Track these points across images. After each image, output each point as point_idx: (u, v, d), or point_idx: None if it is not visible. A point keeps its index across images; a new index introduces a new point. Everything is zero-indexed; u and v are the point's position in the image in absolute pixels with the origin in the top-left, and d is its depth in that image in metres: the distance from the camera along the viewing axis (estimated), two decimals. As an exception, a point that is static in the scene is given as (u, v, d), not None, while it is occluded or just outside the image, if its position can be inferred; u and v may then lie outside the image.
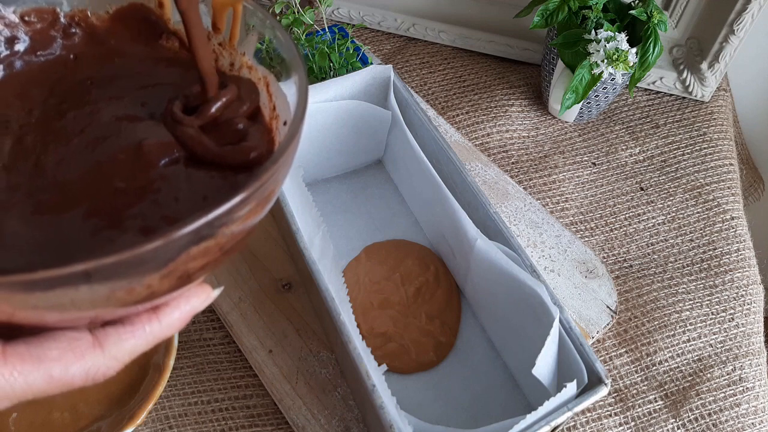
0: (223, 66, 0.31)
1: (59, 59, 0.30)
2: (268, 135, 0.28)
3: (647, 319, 0.55)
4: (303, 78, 0.26)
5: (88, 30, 0.31)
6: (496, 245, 0.46)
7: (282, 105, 0.29)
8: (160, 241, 0.19)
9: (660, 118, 0.72)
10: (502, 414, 0.47)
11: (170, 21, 0.31)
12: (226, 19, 0.30)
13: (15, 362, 0.20)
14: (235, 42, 0.31)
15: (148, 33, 0.32)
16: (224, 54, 0.31)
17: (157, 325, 0.23)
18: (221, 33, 0.31)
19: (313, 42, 0.61)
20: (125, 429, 0.44)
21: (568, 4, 0.62)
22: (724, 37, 0.66)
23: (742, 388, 0.52)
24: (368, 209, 0.59)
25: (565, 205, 0.63)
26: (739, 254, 0.60)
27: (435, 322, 0.52)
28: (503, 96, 0.72)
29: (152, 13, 0.31)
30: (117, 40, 0.31)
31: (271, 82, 0.30)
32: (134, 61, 0.31)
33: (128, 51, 0.31)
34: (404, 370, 0.50)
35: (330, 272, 0.43)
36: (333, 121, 0.54)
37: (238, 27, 0.30)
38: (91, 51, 0.31)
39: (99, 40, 0.31)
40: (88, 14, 0.31)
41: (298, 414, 0.47)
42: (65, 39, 0.31)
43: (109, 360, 0.22)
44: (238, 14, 0.30)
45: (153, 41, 0.32)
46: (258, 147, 0.27)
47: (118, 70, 0.30)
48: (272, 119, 0.29)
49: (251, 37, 0.30)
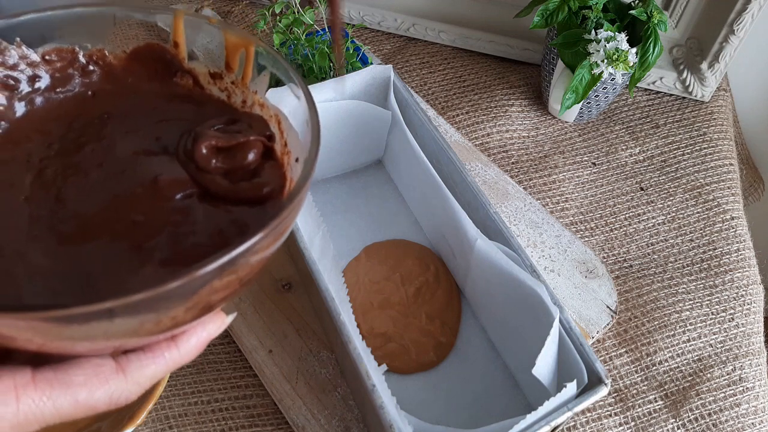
0: (235, 103, 0.33)
1: (78, 95, 0.32)
2: (280, 170, 0.29)
3: (647, 319, 0.55)
4: (315, 119, 0.28)
5: (106, 68, 0.32)
6: (496, 245, 0.46)
7: (293, 142, 0.30)
8: (189, 277, 0.20)
9: (660, 118, 0.72)
10: (502, 414, 0.47)
11: (185, 60, 0.33)
12: (239, 59, 0.32)
13: (44, 388, 0.21)
14: (247, 81, 0.32)
15: (163, 71, 0.33)
16: (237, 92, 0.32)
17: (176, 352, 0.25)
18: (234, 72, 0.32)
19: (313, 42, 0.61)
20: (125, 429, 0.44)
21: (568, 4, 0.62)
22: (724, 37, 0.66)
23: (742, 388, 0.52)
24: (368, 209, 0.59)
25: (565, 205, 0.63)
26: (739, 254, 0.60)
27: (435, 322, 0.52)
28: (503, 96, 0.72)
29: (168, 53, 0.33)
30: (134, 78, 0.33)
31: (282, 120, 0.31)
32: (149, 97, 0.32)
33: (144, 88, 0.33)
34: (404, 370, 0.50)
35: (330, 272, 0.43)
36: (333, 121, 0.54)
37: (250, 67, 0.31)
38: (108, 88, 0.32)
39: (116, 77, 0.32)
40: (105, 53, 0.32)
41: (298, 414, 0.47)
42: (84, 76, 0.32)
43: (132, 385, 0.24)
44: (250, 55, 0.31)
45: (168, 79, 0.33)
46: (270, 183, 0.28)
47: (134, 106, 0.32)
48: (284, 155, 0.30)
49: (263, 77, 0.31)
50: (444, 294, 0.53)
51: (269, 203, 0.28)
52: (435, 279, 0.54)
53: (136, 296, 0.19)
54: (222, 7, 0.78)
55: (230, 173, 0.28)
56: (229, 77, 0.32)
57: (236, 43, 0.31)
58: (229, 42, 0.32)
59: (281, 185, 0.29)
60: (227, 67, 0.32)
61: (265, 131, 0.30)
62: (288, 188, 0.29)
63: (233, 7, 0.78)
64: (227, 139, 0.29)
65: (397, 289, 0.54)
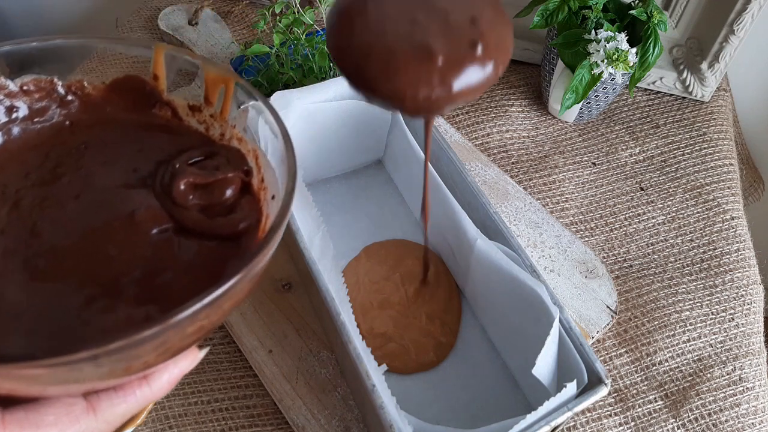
0: (213, 135, 0.32)
1: (55, 125, 0.32)
2: (257, 205, 0.30)
3: (647, 319, 0.55)
4: (292, 158, 0.27)
5: (84, 98, 0.32)
6: (496, 245, 0.46)
7: (270, 178, 0.30)
8: (158, 327, 0.20)
9: (660, 118, 0.72)
10: (502, 414, 0.47)
11: (164, 92, 0.33)
12: (218, 93, 0.32)
13: (14, 428, 0.22)
14: (226, 115, 0.32)
15: (142, 102, 0.33)
16: (215, 125, 0.32)
17: (148, 389, 0.25)
18: (213, 106, 0.32)
19: (313, 42, 0.61)
20: (125, 429, 0.44)
21: (568, 4, 0.62)
22: (724, 37, 0.66)
23: (742, 388, 0.52)
24: (368, 209, 0.59)
25: (565, 205, 0.63)
26: (739, 254, 0.60)
27: (435, 323, 0.52)
28: (503, 96, 0.72)
29: (147, 84, 0.33)
30: (112, 108, 0.33)
31: (260, 155, 0.31)
32: (128, 127, 0.32)
33: (122, 118, 0.33)
34: (404, 370, 0.50)
35: (330, 272, 0.43)
36: (333, 121, 0.54)
37: (229, 102, 0.32)
38: (86, 118, 0.32)
39: (94, 107, 0.32)
40: (84, 84, 0.32)
41: (298, 414, 0.47)
42: (62, 107, 0.32)
43: (102, 424, 0.24)
44: (230, 91, 0.31)
45: (147, 110, 0.33)
46: (247, 218, 0.28)
47: (112, 136, 0.32)
48: (260, 189, 0.30)
49: (242, 112, 0.31)
50: (444, 294, 0.53)
51: (245, 238, 0.28)
52: (435, 279, 0.54)
53: (102, 348, 0.19)
54: (222, 7, 0.78)
55: (207, 208, 0.28)
56: (208, 110, 0.32)
57: (216, 79, 0.31)
58: (208, 77, 0.32)
59: (257, 220, 0.29)
60: (206, 100, 0.32)
61: (242, 165, 0.30)
62: (264, 223, 0.29)
63: (233, 7, 0.78)
64: (205, 176, 0.29)
65: (397, 289, 0.54)
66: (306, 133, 0.54)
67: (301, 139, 0.54)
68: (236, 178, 0.30)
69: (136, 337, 0.20)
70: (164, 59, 0.32)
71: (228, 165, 0.30)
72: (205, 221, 0.28)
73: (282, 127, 0.28)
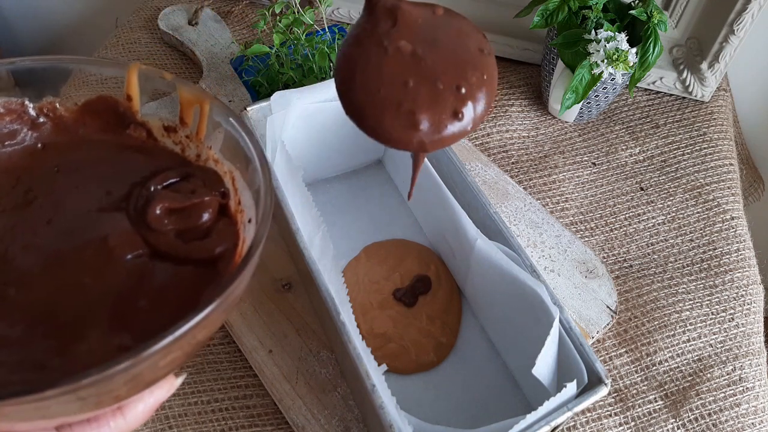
0: (189, 156, 0.32)
1: (27, 148, 0.31)
2: (233, 227, 0.29)
3: (647, 319, 0.55)
4: (267, 181, 0.27)
5: (57, 120, 0.32)
6: (496, 245, 0.46)
7: (247, 201, 0.29)
8: (127, 362, 0.19)
9: (660, 118, 0.72)
10: (502, 414, 0.47)
11: (138, 113, 0.32)
12: (193, 114, 0.31)
13: None
14: (202, 136, 0.31)
15: (116, 123, 0.32)
16: (191, 146, 0.32)
17: (122, 421, 0.24)
18: (188, 127, 0.32)
19: (313, 42, 0.61)
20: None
21: (568, 4, 0.62)
22: (724, 37, 0.66)
23: (742, 388, 0.52)
24: (368, 209, 0.59)
25: (565, 205, 0.63)
26: (739, 254, 0.60)
27: (436, 323, 0.52)
28: (503, 96, 0.72)
29: (120, 105, 0.32)
30: (85, 130, 0.32)
31: (236, 178, 0.30)
32: (101, 149, 0.32)
33: (96, 139, 0.32)
34: (404, 370, 0.50)
35: (330, 272, 0.43)
36: (333, 121, 0.54)
37: (204, 123, 0.31)
38: (59, 140, 0.31)
39: (67, 129, 0.32)
40: (57, 106, 0.32)
41: (298, 414, 0.47)
42: (33, 129, 0.31)
43: None
44: (204, 112, 0.31)
45: (121, 131, 0.32)
46: (223, 242, 0.28)
47: (85, 158, 0.31)
48: (237, 212, 0.30)
49: (218, 133, 0.31)
50: (445, 294, 0.53)
51: (221, 262, 0.27)
52: (436, 279, 0.54)
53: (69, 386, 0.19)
54: (222, 7, 0.78)
55: (183, 232, 0.28)
56: (183, 131, 0.32)
57: (190, 99, 0.31)
58: (183, 97, 0.31)
59: (234, 243, 0.28)
60: (181, 121, 0.32)
61: (219, 187, 0.30)
62: (241, 248, 0.28)
63: (233, 7, 0.78)
64: (181, 200, 0.28)
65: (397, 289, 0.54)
66: (306, 133, 0.54)
67: (301, 139, 0.54)
68: (213, 201, 0.29)
69: (105, 373, 0.19)
70: (137, 80, 0.31)
71: (204, 187, 0.29)
72: (181, 246, 0.27)
73: (258, 150, 0.28)
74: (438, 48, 0.29)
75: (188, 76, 0.72)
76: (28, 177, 0.29)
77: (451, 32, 0.29)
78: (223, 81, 0.68)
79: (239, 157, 0.29)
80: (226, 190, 0.30)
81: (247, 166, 0.29)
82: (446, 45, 0.29)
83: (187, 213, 0.28)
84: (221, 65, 0.69)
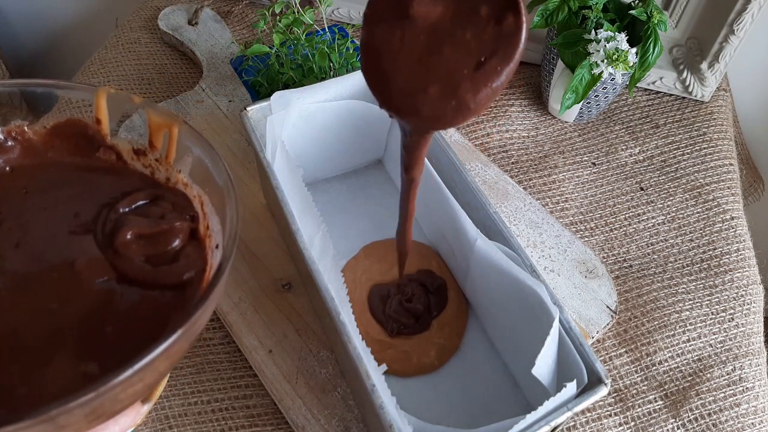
0: (159, 179, 0.32)
1: None
2: (202, 252, 0.29)
3: (647, 319, 0.55)
4: (234, 207, 0.27)
5: (25, 143, 0.32)
6: (496, 245, 0.46)
7: (215, 226, 0.29)
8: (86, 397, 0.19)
9: (660, 118, 0.72)
10: (502, 414, 0.47)
11: (107, 136, 0.32)
12: (162, 138, 0.31)
13: None
14: (171, 159, 0.32)
15: (85, 146, 0.32)
16: (161, 169, 0.32)
17: None
18: (158, 150, 0.32)
19: (313, 42, 0.61)
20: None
21: (568, 4, 0.62)
22: (724, 37, 0.66)
23: (742, 388, 0.52)
24: (368, 209, 0.59)
25: (565, 205, 0.63)
26: (739, 254, 0.60)
27: (444, 330, 0.51)
28: (503, 96, 0.72)
29: (89, 128, 0.32)
30: (54, 152, 0.32)
31: (205, 202, 0.30)
32: (70, 171, 0.32)
33: (65, 162, 0.32)
34: (405, 373, 0.49)
35: (330, 272, 0.43)
36: (333, 121, 0.54)
37: (174, 147, 0.31)
38: (27, 163, 0.31)
39: (36, 152, 0.32)
40: (25, 129, 0.32)
41: (298, 414, 0.47)
42: (2, 153, 0.31)
43: None
44: (173, 136, 0.31)
45: (90, 153, 0.32)
46: (191, 267, 0.28)
47: (54, 180, 0.31)
48: (206, 236, 0.30)
49: (187, 157, 0.31)
50: (454, 300, 0.53)
51: (189, 287, 0.27)
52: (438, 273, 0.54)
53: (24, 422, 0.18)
54: (222, 7, 0.78)
55: (151, 257, 0.28)
56: (153, 154, 0.32)
57: (159, 123, 0.31)
58: (152, 121, 0.31)
59: (202, 269, 0.28)
60: (150, 145, 0.32)
61: (188, 211, 0.30)
62: (208, 273, 0.28)
63: (233, 7, 0.78)
64: (151, 226, 0.28)
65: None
66: (306, 133, 0.54)
67: (301, 139, 0.54)
68: (183, 227, 0.29)
69: (64, 407, 0.19)
70: (106, 103, 0.31)
71: (173, 211, 0.29)
72: (149, 272, 0.27)
73: (226, 175, 0.27)
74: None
75: (188, 76, 0.72)
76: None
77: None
78: (223, 81, 0.68)
79: (208, 181, 0.29)
80: (195, 214, 0.30)
81: (215, 190, 0.28)
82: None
83: (156, 238, 0.28)
84: (221, 65, 0.70)
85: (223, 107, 0.65)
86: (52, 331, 0.24)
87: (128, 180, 0.31)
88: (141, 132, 0.33)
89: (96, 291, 0.26)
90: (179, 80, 0.71)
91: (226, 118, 0.64)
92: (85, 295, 0.26)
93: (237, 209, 0.27)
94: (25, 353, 0.24)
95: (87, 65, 0.73)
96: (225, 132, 0.63)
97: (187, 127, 0.30)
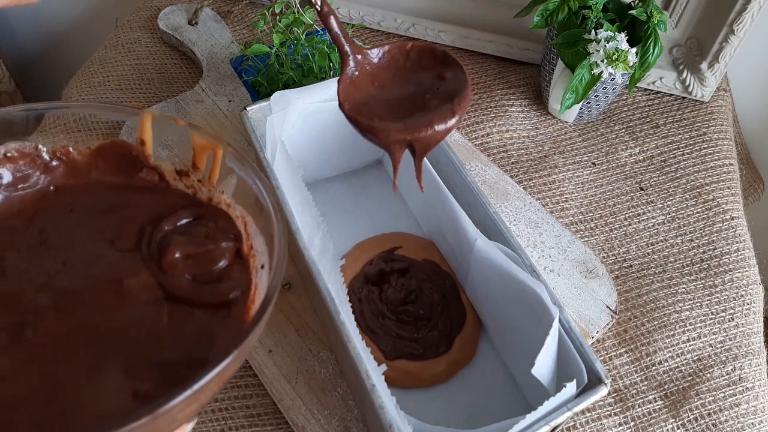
0: (201, 198, 0.32)
1: (39, 191, 0.31)
2: (246, 272, 0.29)
3: (647, 319, 0.55)
4: (282, 228, 0.27)
5: (70, 164, 0.32)
6: (495, 245, 0.46)
7: (259, 246, 0.29)
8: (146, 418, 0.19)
9: (660, 118, 0.72)
10: (502, 414, 0.47)
11: (150, 157, 0.32)
12: (206, 160, 0.32)
13: None
14: (214, 181, 0.32)
15: (128, 167, 0.33)
16: (203, 189, 0.32)
17: None
18: (201, 171, 0.32)
19: (313, 42, 0.61)
20: None
21: (568, 4, 0.62)
22: (724, 37, 0.66)
23: (742, 388, 0.52)
24: (368, 209, 0.59)
25: (565, 205, 0.63)
26: (739, 254, 0.60)
27: (464, 346, 0.50)
28: (503, 96, 0.72)
29: (133, 150, 0.32)
30: (98, 173, 0.32)
31: (248, 222, 0.30)
32: (113, 191, 0.32)
33: (108, 182, 0.32)
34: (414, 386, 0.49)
35: (330, 272, 0.43)
36: (333, 121, 0.54)
37: (217, 168, 0.31)
38: (71, 183, 0.32)
39: (80, 172, 0.32)
40: (70, 149, 0.32)
41: (298, 414, 0.47)
42: (46, 173, 0.32)
43: None
44: (218, 157, 0.31)
45: (133, 174, 0.33)
46: (237, 287, 0.28)
47: (98, 200, 0.31)
48: (250, 256, 0.30)
49: (231, 179, 0.31)
50: (470, 317, 0.52)
51: (235, 307, 0.28)
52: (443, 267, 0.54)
53: None
54: (222, 7, 0.78)
55: (197, 276, 0.28)
56: (195, 175, 0.32)
57: (203, 145, 0.31)
58: (196, 143, 0.31)
59: (247, 287, 0.28)
60: (194, 166, 0.32)
61: (231, 230, 0.30)
62: (253, 293, 0.28)
63: (233, 7, 0.78)
64: (197, 246, 0.28)
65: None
66: (306, 133, 0.54)
67: (301, 139, 0.54)
68: (229, 248, 0.29)
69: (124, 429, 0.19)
70: (151, 125, 0.31)
71: (217, 231, 0.29)
72: (196, 290, 0.27)
73: (272, 196, 0.28)
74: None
75: (188, 76, 0.72)
76: (41, 218, 0.30)
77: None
78: (223, 81, 0.68)
79: (252, 202, 0.30)
80: (239, 234, 0.30)
81: (260, 212, 0.29)
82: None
83: (203, 258, 0.29)
84: (221, 65, 0.70)
85: (223, 107, 0.65)
86: (102, 348, 0.25)
87: (170, 199, 0.32)
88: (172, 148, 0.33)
89: (144, 309, 0.26)
90: (179, 80, 0.71)
91: (226, 118, 0.64)
92: (133, 312, 0.26)
93: (285, 231, 0.27)
94: (76, 371, 0.24)
95: (87, 65, 0.73)
96: (225, 132, 0.63)
97: (231, 149, 0.30)
